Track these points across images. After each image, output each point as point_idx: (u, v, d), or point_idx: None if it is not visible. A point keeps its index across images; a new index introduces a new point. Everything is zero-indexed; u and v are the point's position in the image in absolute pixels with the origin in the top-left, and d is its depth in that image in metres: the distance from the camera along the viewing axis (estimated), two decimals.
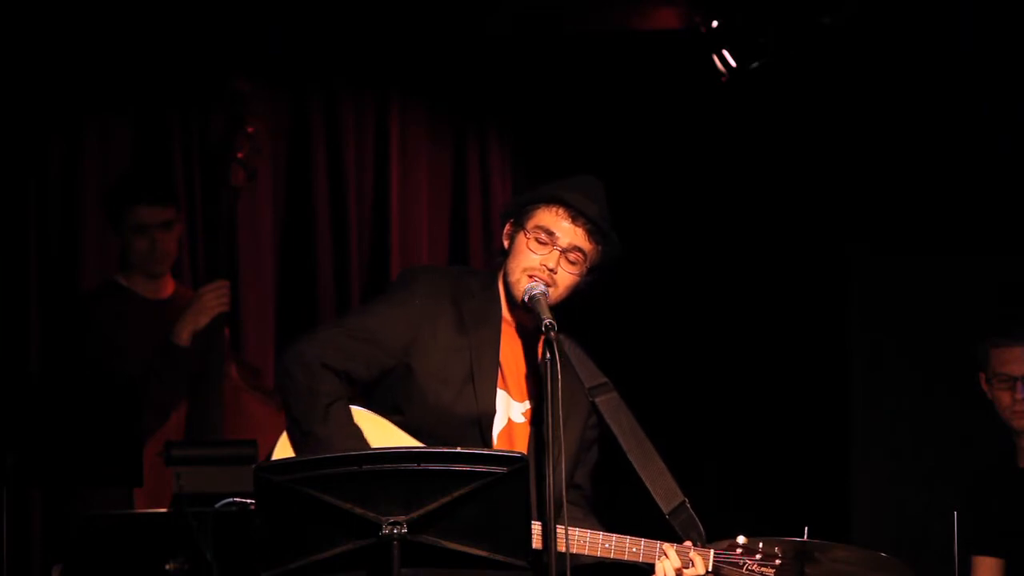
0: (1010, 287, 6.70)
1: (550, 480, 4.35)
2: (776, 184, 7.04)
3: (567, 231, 4.58)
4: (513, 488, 4.01)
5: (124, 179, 6.21)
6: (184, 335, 5.85)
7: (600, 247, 4.62)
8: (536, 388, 4.64)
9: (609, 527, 4.64)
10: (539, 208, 4.60)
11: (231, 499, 4.61)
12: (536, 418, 4.64)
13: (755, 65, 6.56)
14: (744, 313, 7.08)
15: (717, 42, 6.58)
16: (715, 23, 6.58)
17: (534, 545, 4.36)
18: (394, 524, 3.94)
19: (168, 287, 6.14)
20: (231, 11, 6.54)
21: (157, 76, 6.65)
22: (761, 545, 4.68)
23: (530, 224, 4.59)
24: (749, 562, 4.66)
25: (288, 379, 4.54)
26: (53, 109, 6.57)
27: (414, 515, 3.95)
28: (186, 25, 6.52)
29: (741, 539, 4.68)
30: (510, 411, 4.67)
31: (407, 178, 7.04)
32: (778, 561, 4.69)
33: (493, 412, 4.61)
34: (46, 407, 5.09)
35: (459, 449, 4.07)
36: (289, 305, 6.92)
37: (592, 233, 4.60)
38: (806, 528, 5.28)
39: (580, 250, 4.59)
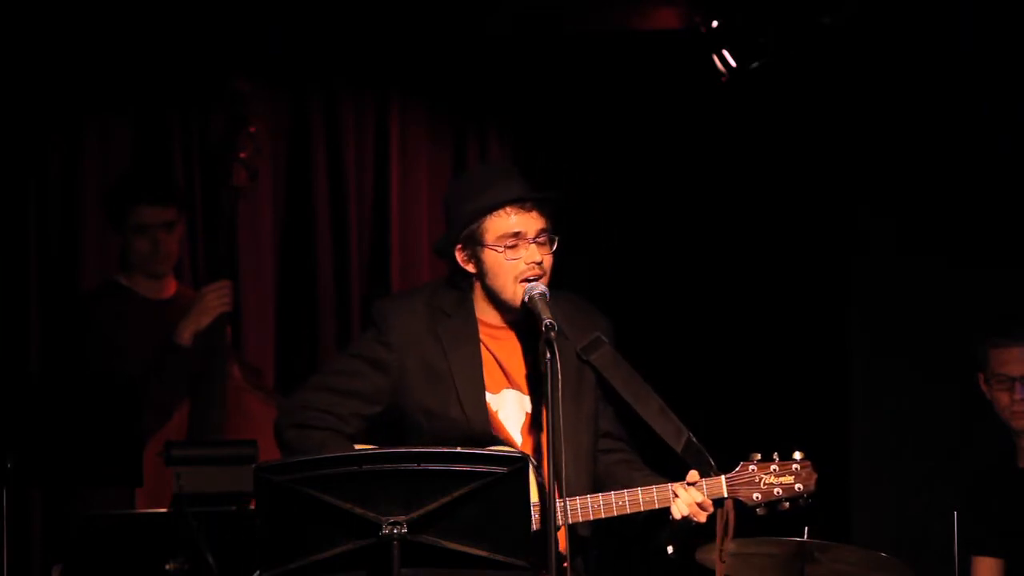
0: (1010, 287, 6.70)
1: (549, 481, 4.36)
2: (776, 184, 7.04)
3: (526, 221, 4.58)
4: (513, 488, 4.01)
5: (126, 179, 6.21)
6: (186, 335, 5.85)
7: (549, 212, 4.64)
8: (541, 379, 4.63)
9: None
10: (486, 220, 4.59)
11: None
12: (538, 409, 4.65)
13: (755, 65, 6.56)
14: (744, 313, 7.08)
15: (717, 42, 6.58)
16: (715, 23, 6.58)
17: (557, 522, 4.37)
18: (394, 524, 3.94)
19: (170, 287, 6.14)
20: (231, 11, 6.54)
21: (157, 76, 6.65)
22: (776, 456, 4.64)
23: (490, 239, 4.59)
24: (764, 476, 4.62)
25: (281, 445, 4.65)
26: (53, 109, 6.57)
27: (414, 515, 3.95)
28: (186, 25, 6.52)
29: (756, 456, 4.63)
30: (524, 406, 4.68)
31: (407, 178, 7.04)
32: (796, 467, 4.64)
33: (488, 428, 4.61)
34: (46, 407, 5.08)
35: (459, 449, 4.08)
36: (289, 305, 6.92)
37: (540, 206, 4.61)
38: (806, 528, 5.30)
39: (544, 230, 4.61)
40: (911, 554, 5.79)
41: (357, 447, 4.61)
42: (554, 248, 4.62)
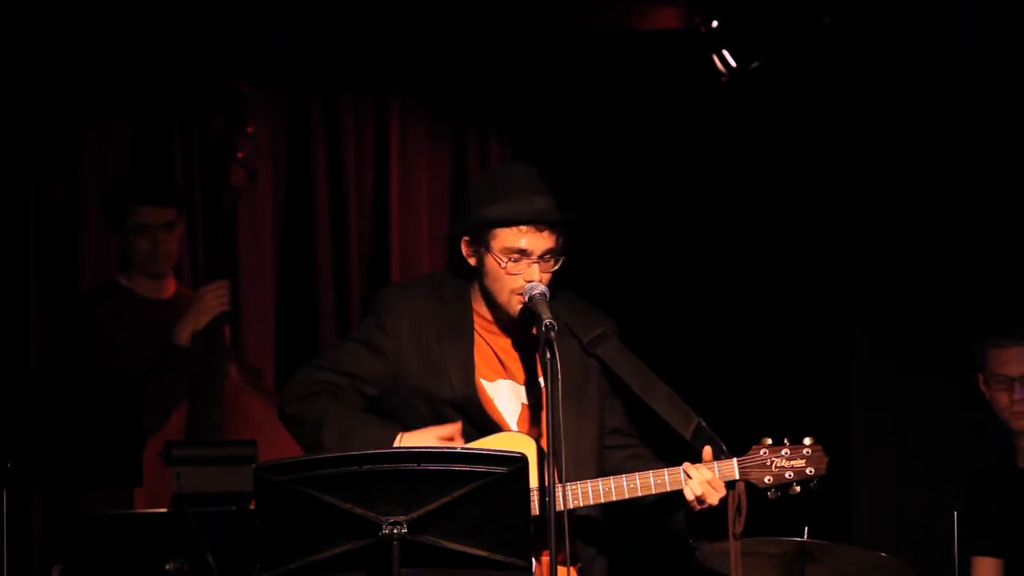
0: (1009, 287, 6.70)
1: (550, 480, 4.36)
2: (776, 184, 7.04)
3: (535, 241, 4.58)
4: (513, 488, 4.01)
5: (126, 179, 6.21)
6: (184, 335, 5.85)
7: (563, 231, 4.62)
8: (536, 367, 4.65)
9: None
10: (497, 228, 4.58)
11: None
12: (534, 402, 4.68)
13: (755, 65, 6.56)
14: (744, 313, 7.08)
15: (717, 42, 6.58)
16: (715, 23, 6.58)
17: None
18: (394, 524, 3.94)
19: (170, 287, 6.14)
20: (231, 11, 6.54)
21: (157, 76, 6.65)
22: (787, 440, 4.66)
23: (497, 247, 4.59)
24: (776, 459, 4.64)
25: (286, 419, 4.69)
26: (53, 109, 6.57)
27: (414, 515, 3.95)
28: (186, 25, 6.52)
29: (768, 440, 4.66)
30: (520, 396, 4.70)
31: (407, 178, 7.04)
32: (807, 450, 4.66)
33: (483, 414, 4.63)
34: (46, 407, 5.08)
35: (459, 449, 4.08)
36: (289, 305, 6.93)
37: (555, 227, 4.60)
38: (806, 528, 5.30)
39: (551, 250, 4.60)
40: (911, 554, 5.78)
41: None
42: (556, 267, 4.62)
